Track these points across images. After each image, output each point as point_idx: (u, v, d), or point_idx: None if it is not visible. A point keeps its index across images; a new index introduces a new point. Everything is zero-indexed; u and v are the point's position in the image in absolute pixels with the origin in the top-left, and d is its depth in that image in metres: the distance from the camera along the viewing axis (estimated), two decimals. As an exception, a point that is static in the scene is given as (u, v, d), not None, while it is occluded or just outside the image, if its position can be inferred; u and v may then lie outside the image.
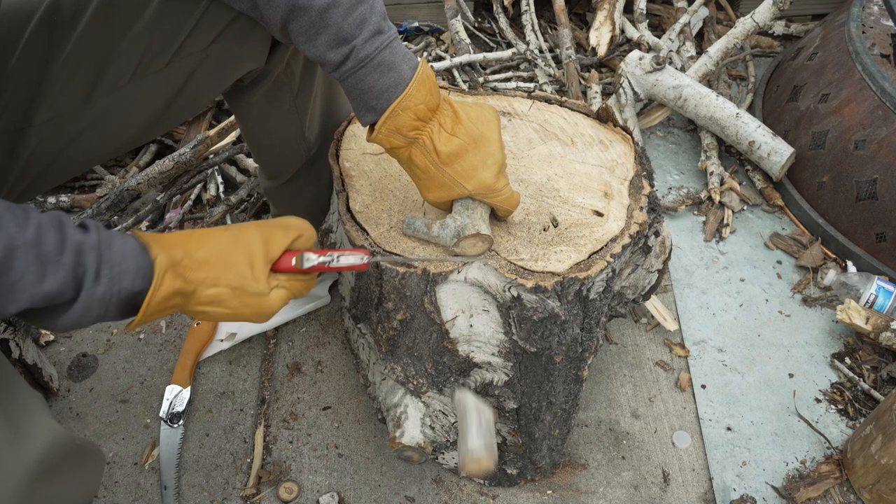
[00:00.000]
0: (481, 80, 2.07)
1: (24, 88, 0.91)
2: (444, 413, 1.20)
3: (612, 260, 1.06)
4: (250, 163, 1.83)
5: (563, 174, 1.18)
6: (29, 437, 0.73)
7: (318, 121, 1.26)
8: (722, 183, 1.90)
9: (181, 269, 0.81)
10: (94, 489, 0.84)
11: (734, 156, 2.02)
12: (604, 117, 1.28)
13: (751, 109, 2.10)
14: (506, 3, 2.29)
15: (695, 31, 2.25)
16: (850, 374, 1.56)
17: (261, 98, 1.16)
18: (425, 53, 2.16)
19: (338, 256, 0.92)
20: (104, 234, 0.76)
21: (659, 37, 2.17)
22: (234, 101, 1.20)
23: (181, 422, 1.39)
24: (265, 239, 0.87)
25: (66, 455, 0.77)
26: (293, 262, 0.89)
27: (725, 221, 1.85)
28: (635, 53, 1.94)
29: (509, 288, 1.02)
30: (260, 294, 0.85)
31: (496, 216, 1.07)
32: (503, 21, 2.27)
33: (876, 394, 1.51)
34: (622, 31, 2.22)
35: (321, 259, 0.91)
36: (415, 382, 1.17)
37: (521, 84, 2.09)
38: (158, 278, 0.78)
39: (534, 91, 1.79)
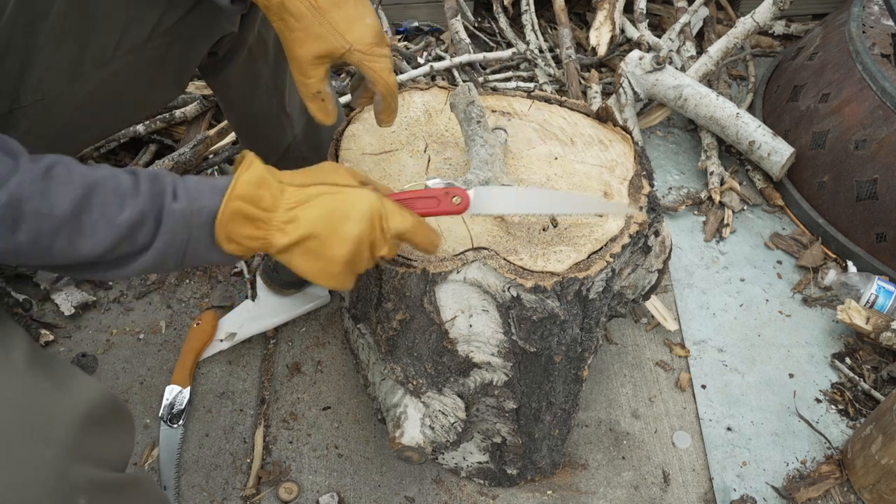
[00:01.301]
0: (481, 79, 2.07)
1: (9, 68, 0.90)
2: (443, 413, 1.20)
3: (611, 260, 1.06)
4: (250, 163, 1.83)
5: (562, 174, 1.18)
6: (74, 391, 0.74)
7: (298, 94, 1.26)
8: (722, 183, 1.90)
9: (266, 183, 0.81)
10: (130, 448, 0.84)
11: (734, 156, 2.02)
12: (603, 117, 1.28)
13: (751, 109, 2.10)
14: (506, 2, 2.29)
15: (695, 31, 2.25)
16: (851, 374, 1.55)
17: (239, 72, 1.16)
18: (425, 53, 2.16)
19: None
20: (177, 176, 0.79)
21: (659, 36, 2.17)
22: (214, 80, 1.20)
23: (181, 422, 1.39)
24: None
25: (108, 410, 0.78)
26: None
27: (725, 221, 1.85)
28: (635, 53, 1.94)
29: (508, 288, 1.02)
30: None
31: (379, 112, 1.00)
32: (503, 21, 2.27)
33: (876, 394, 1.51)
34: (622, 31, 2.22)
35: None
36: (414, 382, 1.17)
37: (521, 84, 2.09)
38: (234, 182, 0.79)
39: (534, 91, 1.79)
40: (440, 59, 2.12)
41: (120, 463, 0.80)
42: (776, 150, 1.84)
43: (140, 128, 1.81)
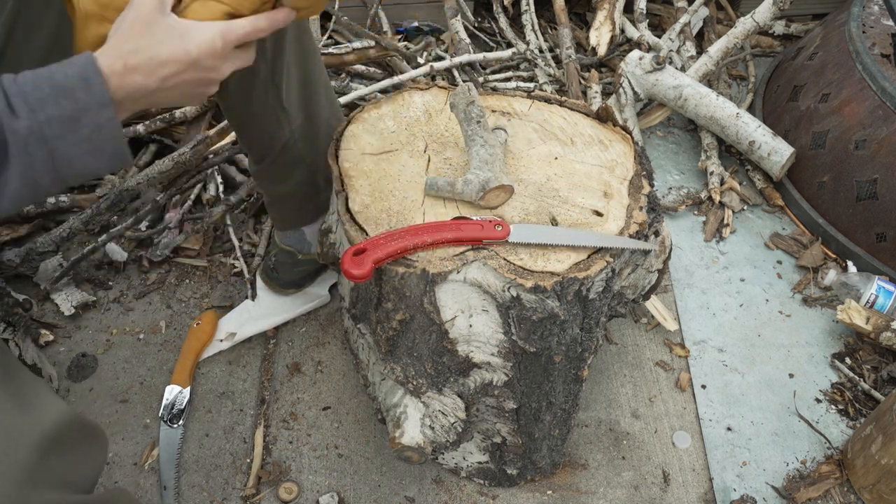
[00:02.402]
0: (481, 80, 2.07)
1: (8, 68, 0.90)
2: (443, 413, 1.20)
3: (611, 260, 1.06)
4: (250, 163, 1.83)
5: (562, 174, 1.18)
6: (37, 411, 0.73)
7: (295, 90, 1.26)
8: (722, 183, 1.90)
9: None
10: (99, 469, 0.84)
11: (734, 156, 2.02)
12: (603, 117, 1.28)
13: (751, 109, 2.10)
14: (506, 2, 2.29)
15: (695, 31, 2.24)
16: (851, 374, 1.55)
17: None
18: (425, 53, 2.16)
19: None
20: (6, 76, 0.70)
21: (659, 36, 2.17)
22: None
23: (181, 422, 1.39)
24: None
25: (74, 431, 0.77)
26: None
27: (725, 221, 1.85)
28: (635, 53, 1.94)
29: (508, 288, 1.02)
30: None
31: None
32: (503, 21, 2.27)
33: (876, 394, 1.51)
34: (622, 31, 2.22)
35: None
36: (414, 382, 1.17)
37: (521, 84, 2.09)
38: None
39: (534, 91, 1.79)
40: (440, 59, 2.12)
41: (87, 484, 0.79)
42: (776, 150, 1.84)
43: (140, 128, 1.80)
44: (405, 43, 2.20)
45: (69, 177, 0.73)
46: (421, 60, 2.09)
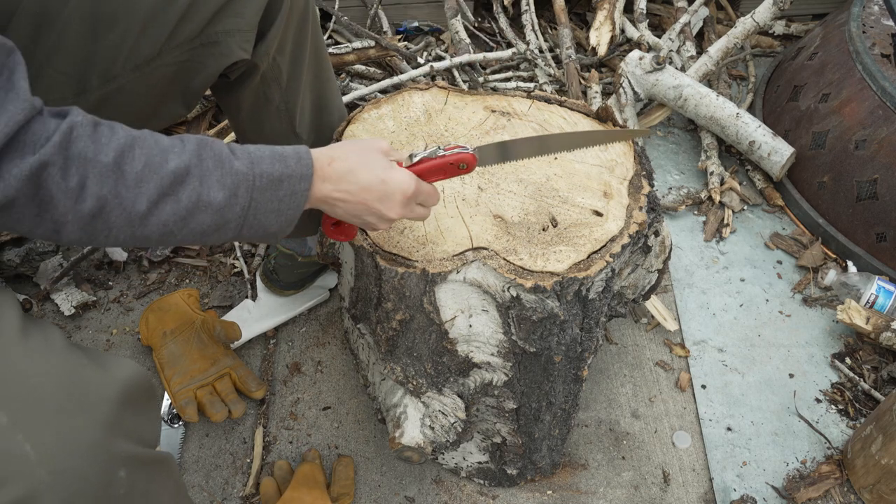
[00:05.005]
0: (481, 79, 2.07)
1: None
2: (443, 413, 1.20)
3: (611, 260, 1.06)
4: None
5: (562, 174, 1.18)
6: (112, 368, 0.76)
7: (308, 115, 1.25)
8: (722, 183, 1.90)
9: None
10: (160, 428, 0.87)
11: (734, 156, 2.02)
12: (603, 117, 1.28)
13: (751, 109, 2.10)
14: (506, 2, 2.29)
15: (695, 31, 2.24)
16: (851, 374, 1.55)
17: (250, 95, 1.16)
18: (425, 53, 2.16)
19: (442, 147, 0.96)
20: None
21: (659, 36, 2.17)
22: (225, 99, 1.20)
23: (181, 422, 1.39)
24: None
25: (142, 388, 0.80)
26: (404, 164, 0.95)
27: (725, 221, 1.85)
28: (635, 53, 1.94)
29: (508, 288, 1.02)
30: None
31: None
32: (503, 21, 2.27)
33: (876, 394, 1.51)
34: (622, 31, 2.22)
35: (427, 152, 0.95)
36: (414, 382, 1.17)
37: (521, 84, 2.09)
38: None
39: (533, 91, 1.79)
40: (440, 59, 2.12)
41: (153, 440, 0.82)
42: (776, 150, 1.84)
43: (140, 128, 1.80)
44: (405, 43, 2.20)
45: (243, 229, 0.83)
46: (421, 60, 2.09)
